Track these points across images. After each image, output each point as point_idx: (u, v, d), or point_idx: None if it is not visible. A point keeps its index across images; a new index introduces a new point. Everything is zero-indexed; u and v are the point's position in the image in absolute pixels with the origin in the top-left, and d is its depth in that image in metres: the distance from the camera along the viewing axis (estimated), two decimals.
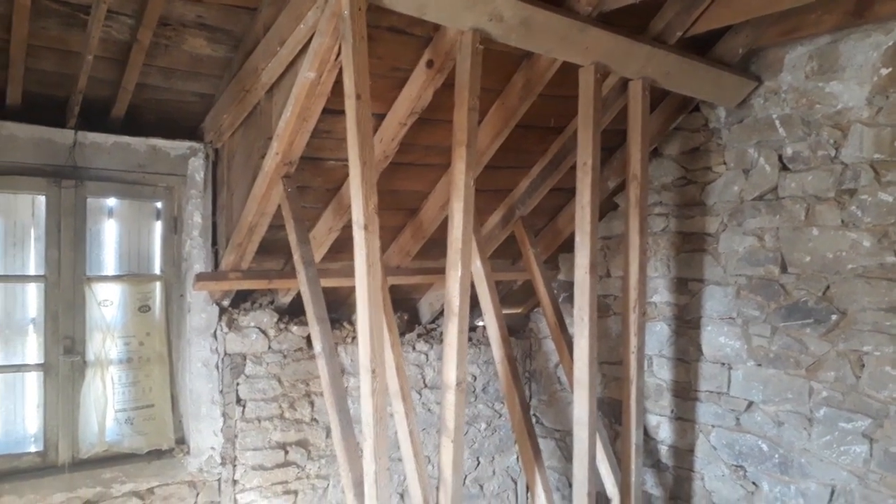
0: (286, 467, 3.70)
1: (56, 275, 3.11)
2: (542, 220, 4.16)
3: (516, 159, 3.59)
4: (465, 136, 2.53)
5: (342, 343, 3.91)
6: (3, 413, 3.11)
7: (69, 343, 3.13)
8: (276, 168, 2.85)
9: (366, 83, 2.23)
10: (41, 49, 2.79)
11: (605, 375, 4.19)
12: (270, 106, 2.91)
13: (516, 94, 3.03)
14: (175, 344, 3.46)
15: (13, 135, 2.96)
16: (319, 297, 2.89)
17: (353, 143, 2.26)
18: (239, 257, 3.30)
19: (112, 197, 3.29)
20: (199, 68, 3.10)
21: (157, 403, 3.37)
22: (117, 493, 3.19)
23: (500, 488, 4.57)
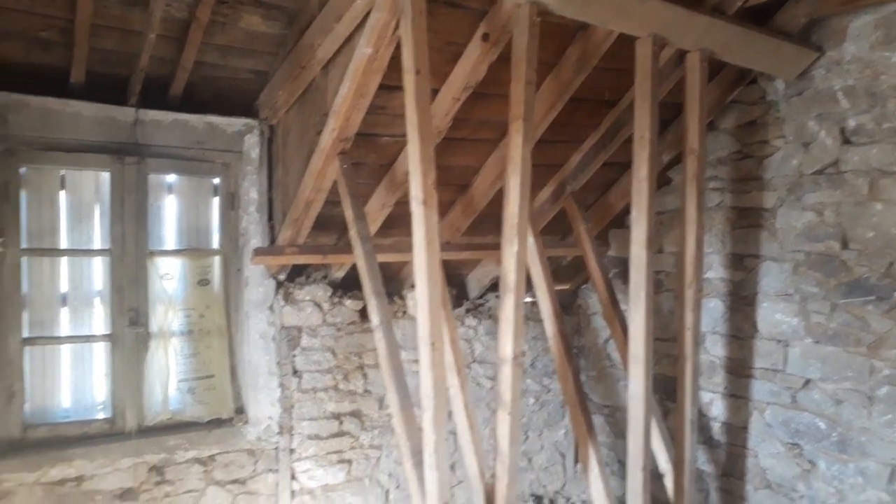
0: (340, 437, 3.79)
1: (120, 249, 3.21)
2: (593, 196, 4.13)
3: (568, 133, 3.55)
4: (522, 109, 2.51)
5: (393, 318, 3.96)
6: (74, 381, 3.24)
7: (134, 315, 3.24)
8: (332, 144, 2.88)
9: (425, 58, 2.23)
10: (104, 28, 2.86)
11: (656, 352, 4.15)
12: (326, 82, 2.93)
13: (571, 67, 3.00)
14: (234, 317, 3.55)
15: (78, 113, 3.04)
16: (376, 272, 2.93)
17: (412, 119, 2.27)
18: (295, 232, 3.36)
19: (172, 173, 3.37)
20: (255, 45, 3.14)
21: (216, 374, 3.47)
22: (181, 459, 3.31)
23: (549, 462, 4.61)
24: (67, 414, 3.20)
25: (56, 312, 3.16)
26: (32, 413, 3.10)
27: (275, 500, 3.58)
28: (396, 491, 3.99)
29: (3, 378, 2.98)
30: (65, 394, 3.22)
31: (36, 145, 3.00)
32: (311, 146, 3.10)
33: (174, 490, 3.30)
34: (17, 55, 2.87)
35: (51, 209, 3.13)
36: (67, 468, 3.03)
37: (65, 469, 3.03)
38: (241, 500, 3.48)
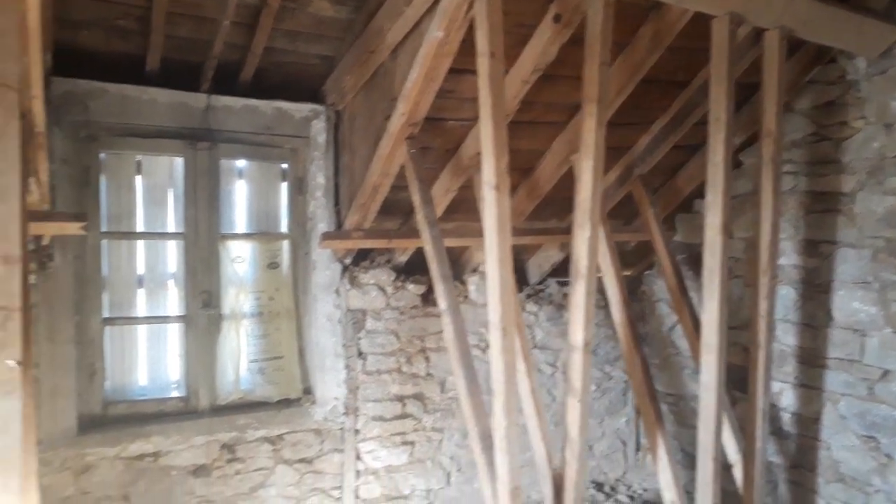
0: (403, 419, 3.83)
1: (194, 233, 3.30)
2: (660, 179, 4.03)
3: (637, 115, 3.47)
4: (596, 91, 2.46)
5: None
6: (150, 361, 3.36)
7: (206, 297, 3.33)
8: (400, 129, 2.88)
9: (500, 41, 2.21)
10: (179, 16, 2.92)
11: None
12: (394, 67, 2.94)
13: (643, 47, 2.92)
14: (302, 299, 3.62)
15: (154, 99, 3.13)
16: (443, 256, 2.93)
17: (486, 103, 2.25)
18: (362, 217, 3.39)
19: (242, 158, 3.44)
20: (323, 30, 3.17)
21: (285, 355, 3.55)
22: (251, 437, 3.40)
23: (610, 449, 4.57)
24: (144, 392, 3.33)
25: (133, 294, 3.27)
26: (112, 390, 3.23)
27: (340, 479, 3.65)
28: (458, 473, 4.02)
29: (85, 357, 3.11)
30: (142, 372, 3.35)
31: (114, 131, 3.10)
32: (378, 131, 3.12)
33: (245, 468, 3.39)
34: (98, 43, 2.96)
35: (128, 193, 3.24)
36: (145, 444, 3.15)
37: (143, 445, 3.14)
38: (308, 479, 3.56)
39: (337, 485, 3.65)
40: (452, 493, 4.00)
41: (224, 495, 3.33)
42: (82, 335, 3.08)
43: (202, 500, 3.28)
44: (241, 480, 3.38)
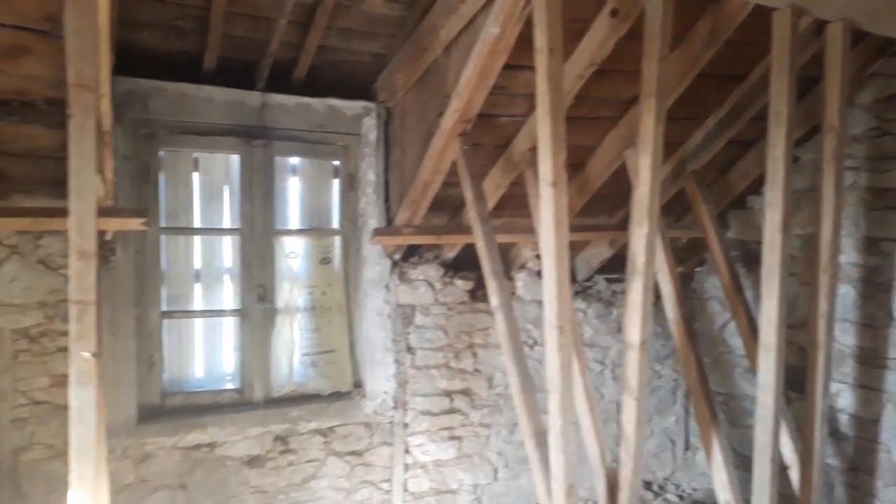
0: (451, 414, 3.85)
1: (249, 228, 3.36)
2: (712, 175, 3.96)
3: (691, 110, 3.41)
4: (655, 86, 2.43)
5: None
6: (206, 353, 3.44)
7: (262, 291, 3.39)
8: (453, 126, 2.89)
9: (558, 37, 2.20)
10: (236, 15, 2.97)
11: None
12: (447, 64, 2.94)
13: (700, 41, 2.86)
14: (352, 294, 3.66)
15: (211, 98, 3.19)
16: (495, 253, 2.93)
17: (544, 99, 2.24)
18: (412, 213, 3.41)
19: (295, 156, 3.48)
20: (375, 28, 3.19)
21: (337, 349, 3.60)
22: (303, 430, 3.46)
23: (659, 448, 4.52)
24: (200, 384, 3.40)
25: (190, 288, 3.35)
26: (170, 382, 3.31)
27: (389, 472, 3.69)
28: (505, 469, 4.02)
29: (145, 349, 3.19)
30: (198, 365, 3.42)
31: (173, 129, 3.17)
32: (430, 128, 3.13)
33: (297, 459, 3.45)
34: (157, 43, 3.02)
35: (185, 190, 3.31)
36: (201, 434, 3.22)
37: (199, 435, 3.22)
38: (358, 472, 3.60)
39: (386, 478, 3.69)
40: (500, 488, 4.01)
41: (277, 486, 3.40)
42: (142, 328, 3.17)
43: (256, 490, 3.35)
44: (294, 472, 3.44)
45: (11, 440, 2.86)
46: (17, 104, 2.48)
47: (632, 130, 3.21)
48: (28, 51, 2.29)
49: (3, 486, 2.83)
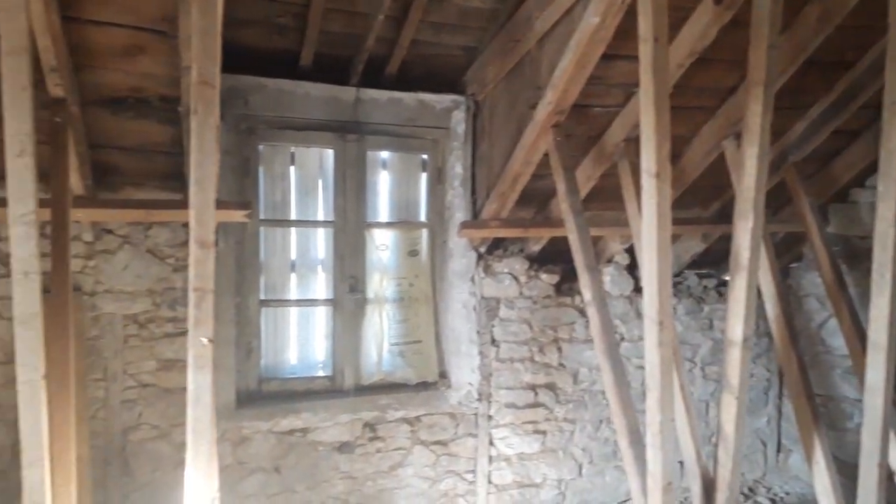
0: (536, 408, 3.84)
1: (342, 221, 3.44)
2: (814, 166, 3.79)
3: (794, 99, 3.26)
4: (763, 75, 2.34)
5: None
6: (300, 341, 3.55)
7: (353, 282, 3.47)
8: (547, 117, 2.87)
9: (664, 24, 2.14)
10: (333, 12, 3.03)
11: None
12: (541, 55, 2.91)
13: (809, 26, 2.74)
14: (439, 286, 3.69)
15: (307, 93, 3.27)
16: (588, 246, 2.90)
17: (648, 89, 2.19)
18: (500, 206, 3.41)
19: (386, 150, 3.54)
20: (467, 21, 3.20)
21: (423, 339, 3.64)
22: (391, 418, 3.52)
23: (749, 450, 4.37)
24: (294, 370, 3.51)
25: (287, 278, 3.46)
26: (266, 368, 3.43)
27: (473, 463, 3.71)
28: (589, 465, 3.98)
29: (244, 335, 3.32)
30: (292, 352, 3.53)
31: (271, 124, 3.28)
32: (520, 120, 3.11)
33: (385, 446, 3.52)
34: (258, 40, 3.12)
35: (282, 184, 3.41)
36: (295, 420, 3.33)
37: (293, 420, 3.32)
38: (444, 461, 3.64)
39: (470, 468, 3.71)
40: (584, 484, 3.97)
41: (365, 472, 3.47)
42: (241, 315, 3.29)
43: (346, 476, 3.44)
44: (382, 459, 3.51)
45: (121, 420, 3.03)
46: (133, 101, 2.62)
47: (731, 120, 3.11)
48: (144, 50, 2.42)
49: (112, 464, 3.00)
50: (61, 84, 2.27)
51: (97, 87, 2.52)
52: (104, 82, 2.51)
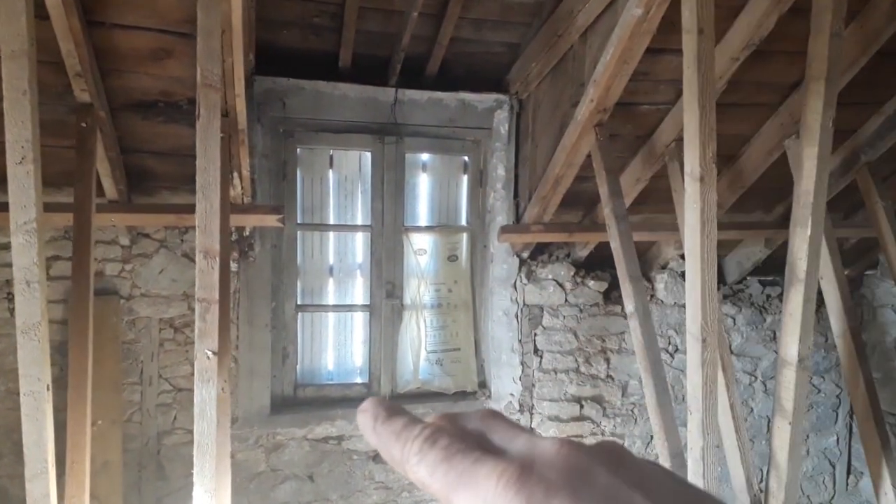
0: (581, 421, 3.66)
1: (380, 225, 3.36)
2: (889, 167, 3.46)
3: (866, 93, 3.00)
4: (825, 67, 2.12)
5: None
6: (337, 347, 3.48)
7: (390, 287, 3.38)
8: (589, 116, 2.70)
9: (710, 15, 1.95)
10: (368, 10, 2.95)
11: None
12: (584, 50, 2.75)
13: (881, 13, 2.48)
14: (478, 292, 3.56)
15: (345, 95, 3.20)
16: (632, 254, 2.72)
17: (692, 85, 2.01)
18: (542, 210, 3.26)
19: (425, 152, 3.43)
20: (509, 16, 3.06)
21: (462, 347, 3.52)
22: None
23: (815, 471, 4.06)
24: (331, 377, 3.45)
25: (324, 282, 3.40)
26: (302, 374, 3.38)
27: None
28: None
29: (280, 340, 3.28)
30: (329, 358, 3.48)
31: (309, 127, 3.23)
32: (563, 119, 2.95)
33: None
34: (295, 42, 3.08)
35: (321, 187, 3.36)
36: (330, 427, 3.27)
37: (328, 428, 3.27)
38: None
39: None
40: None
41: (401, 483, 3.38)
42: (277, 320, 3.25)
43: (380, 485, 3.36)
44: None
45: (156, 424, 3.04)
46: (163, 105, 2.60)
47: (794, 118, 2.86)
48: (171, 53, 2.38)
49: (147, 467, 3.01)
50: (87, 89, 2.25)
51: (126, 92, 2.51)
52: (133, 87, 2.50)
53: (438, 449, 0.29)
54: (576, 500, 0.25)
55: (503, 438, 0.30)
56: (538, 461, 0.27)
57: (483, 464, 0.27)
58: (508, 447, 0.29)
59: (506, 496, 0.26)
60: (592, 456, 0.27)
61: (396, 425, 0.32)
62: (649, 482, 0.27)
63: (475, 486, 0.27)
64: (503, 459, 0.27)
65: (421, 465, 0.29)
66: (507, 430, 0.30)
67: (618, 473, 0.26)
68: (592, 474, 0.26)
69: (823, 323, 3.60)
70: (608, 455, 0.28)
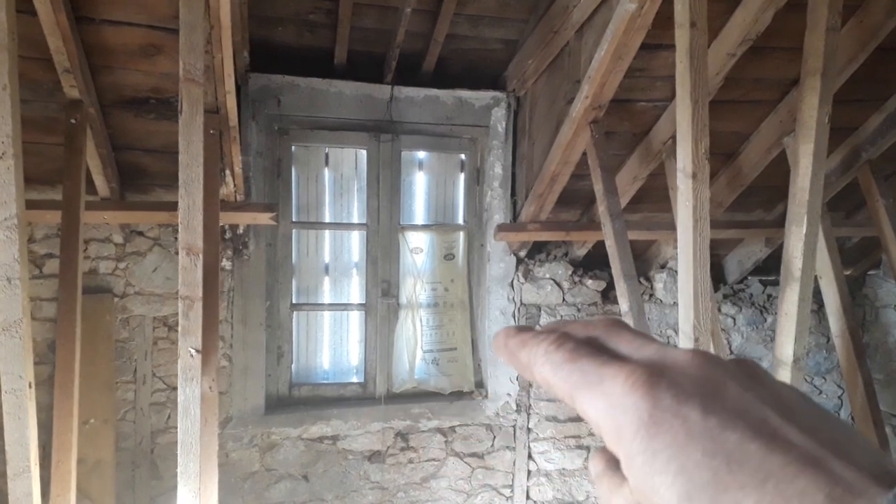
0: (579, 422, 3.63)
1: (375, 223, 3.34)
2: (892, 165, 3.42)
3: (867, 90, 2.96)
4: (821, 63, 2.08)
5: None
6: (332, 346, 3.46)
7: (386, 286, 3.36)
8: (584, 113, 2.67)
9: (703, 9, 1.92)
10: (363, 7, 2.93)
11: None
12: (580, 46, 2.72)
13: (881, 8, 2.45)
14: (475, 291, 3.54)
15: (340, 92, 3.18)
16: (627, 252, 2.69)
17: (684, 80, 1.98)
18: (538, 208, 3.23)
19: (422, 150, 3.41)
20: (506, 13, 3.03)
21: (459, 347, 3.50)
22: (424, 427, 3.39)
23: None
24: (327, 376, 3.43)
25: (320, 281, 3.38)
26: (297, 373, 3.37)
27: (511, 478, 3.54)
28: None
29: (274, 339, 3.26)
30: (325, 357, 3.46)
31: (304, 124, 3.21)
32: (559, 116, 2.93)
33: (417, 457, 3.40)
34: (290, 39, 3.06)
35: (316, 185, 3.34)
36: (325, 427, 3.25)
37: (323, 427, 3.25)
38: (479, 475, 3.49)
39: (508, 483, 3.54)
40: None
41: (397, 483, 3.36)
42: (272, 319, 3.24)
43: (376, 486, 3.33)
44: (414, 469, 3.39)
45: (150, 423, 3.02)
46: (155, 102, 2.58)
47: (793, 115, 2.81)
48: (161, 49, 2.37)
49: (141, 466, 2.99)
50: (76, 85, 2.24)
51: (117, 89, 2.50)
52: (124, 83, 2.49)
53: (564, 350, 0.29)
54: (705, 410, 0.25)
55: (630, 346, 0.29)
56: (669, 367, 0.26)
57: (610, 366, 0.27)
58: (636, 354, 0.28)
59: (632, 397, 0.25)
60: (727, 369, 0.26)
61: (525, 335, 0.32)
62: (784, 402, 0.26)
63: (600, 385, 0.27)
64: (631, 362, 0.27)
65: (546, 365, 0.29)
66: (635, 339, 0.29)
67: (751, 389, 0.26)
68: (725, 386, 0.25)
69: (824, 323, 3.56)
70: (743, 370, 0.27)
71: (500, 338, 0.33)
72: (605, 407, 0.26)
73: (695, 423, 0.24)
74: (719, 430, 0.24)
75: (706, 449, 0.24)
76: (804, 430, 0.24)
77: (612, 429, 0.26)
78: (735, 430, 0.24)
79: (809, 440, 0.24)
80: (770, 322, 3.85)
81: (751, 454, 0.23)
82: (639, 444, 0.25)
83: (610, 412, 0.26)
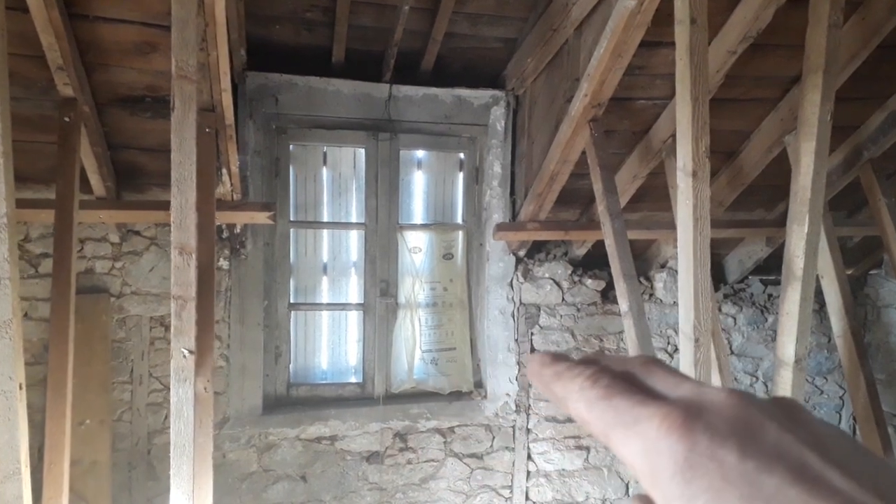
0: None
1: (374, 223, 3.32)
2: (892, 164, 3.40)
3: (869, 88, 2.93)
4: (823, 59, 2.06)
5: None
6: (331, 346, 3.44)
7: (384, 286, 3.34)
8: (583, 111, 2.65)
9: (703, 5, 1.90)
10: (361, 5, 2.91)
11: None
12: (579, 44, 2.70)
13: (883, 5, 2.42)
14: (474, 291, 3.52)
15: (338, 91, 3.16)
16: (626, 252, 2.66)
17: (684, 77, 1.95)
18: (538, 207, 3.21)
19: (420, 149, 3.39)
20: (505, 11, 3.01)
21: (458, 347, 3.47)
22: (423, 428, 3.37)
23: None
24: (325, 376, 3.41)
25: (318, 281, 3.36)
26: (295, 373, 3.35)
27: (510, 479, 3.52)
28: (636, 485, 3.70)
29: (272, 339, 3.24)
30: (323, 357, 3.43)
31: (302, 123, 3.19)
32: (558, 115, 2.90)
33: (416, 458, 3.37)
34: (288, 37, 3.04)
35: (314, 184, 3.32)
36: (323, 427, 3.23)
37: (321, 428, 3.23)
38: (478, 475, 3.47)
39: (507, 484, 3.52)
40: None
41: (395, 484, 3.34)
42: (270, 319, 3.22)
43: (374, 486, 3.31)
44: (412, 470, 3.37)
45: (146, 423, 3.00)
46: (150, 100, 2.56)
47: (794, 113, 2.80)
48: (156, 47, 2.35)
49: (137, 467, 2.98)
50: (70, 83, 2.22)
51: (112, 87, 2.48)
52: (118, 81, 2.46)
53: (599, 387, 0.29)
54: (743, 453, 0.24)
55: (666, 385, 0.28)
56: (705, 409, 0.25)
57: (645, 406, 0.27)
58: (672, 393, 0.27)
59: (668, 440, 0.25)
60: (764, 409, 0.25)
61: (560, 367, 0.31)
62: (825, 443, 0.25)
63: (635, 426, 0.26)
64: (667, 403, 0.26)
65: (581, 401, 0.29)
66: (671, 377, 0.29)
67: (791, 430, 0.25)
68: (763, 428, 0.25)
69: (826, 323, 3.53)
70: (782, 410, 0.26)
71: (534, 365, 0.33)
72: (640, 449, 0.26)
73: (732, 466, 0.23)
74: (757, 473, 0.23)
75: (743, 494, 0.23)
76: (847, 474, 0.23)
77: (648, 471, 0.25)
78: (773, 473, 0.23)
79: (852, 484, 0.23)
80: (771, 322, 3.83)
81: (791, 500, 0.22)
82: (675, 488, 0.24)
83: (645, 454, 0.25)
